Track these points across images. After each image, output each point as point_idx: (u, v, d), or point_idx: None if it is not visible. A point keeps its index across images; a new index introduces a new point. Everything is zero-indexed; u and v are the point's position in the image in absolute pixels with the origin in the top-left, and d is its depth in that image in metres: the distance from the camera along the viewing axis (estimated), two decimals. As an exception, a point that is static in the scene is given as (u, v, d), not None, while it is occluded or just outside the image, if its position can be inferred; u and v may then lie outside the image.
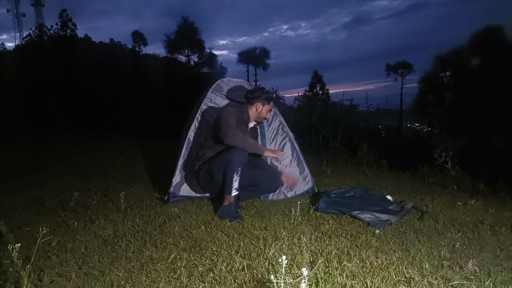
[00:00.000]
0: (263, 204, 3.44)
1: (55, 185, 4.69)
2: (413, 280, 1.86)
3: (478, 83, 17.42)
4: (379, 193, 3.65)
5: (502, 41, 17.44)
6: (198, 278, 1.97)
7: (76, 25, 25.12)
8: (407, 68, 33.05)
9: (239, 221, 2.87)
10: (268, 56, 30.46)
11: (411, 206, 3.14)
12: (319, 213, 3.09)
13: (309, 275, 1.76)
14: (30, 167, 6.22)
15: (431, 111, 20.81)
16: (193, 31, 25.47)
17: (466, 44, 18.45)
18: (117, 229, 2.81)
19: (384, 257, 2.15)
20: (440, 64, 19.89)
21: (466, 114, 17.01)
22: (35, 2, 33.62)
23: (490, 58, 17.14)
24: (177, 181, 3.52)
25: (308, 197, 3.68)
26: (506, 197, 3.98)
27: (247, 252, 2.28)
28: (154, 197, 3.83)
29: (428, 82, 20.59)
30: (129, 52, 28.80)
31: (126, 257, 2.29)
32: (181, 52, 25.83)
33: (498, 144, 16.51)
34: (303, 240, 2.40)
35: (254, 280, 1.91)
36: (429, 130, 25.71)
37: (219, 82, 3.80)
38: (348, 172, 5.14)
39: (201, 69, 26.57)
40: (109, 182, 4.72)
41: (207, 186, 3.41)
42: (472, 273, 1.93)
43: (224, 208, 3.00)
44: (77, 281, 2.01)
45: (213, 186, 3.31)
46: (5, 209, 3.58)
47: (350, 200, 3.15)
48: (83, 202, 3.71)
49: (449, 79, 19.78)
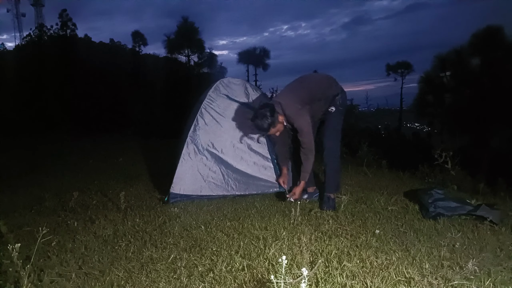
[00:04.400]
0: (263, 204, 3.44)
1: (55, 185, 4.69)
2: (413, 280, 1.85)
3: (478, 83, 17.43)
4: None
5: (502, 41, 17.45)
6: (198, 278, 1.97)
7: (76, 25, 25.11)
8: (407, 68, 33.06)
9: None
10: (268, 56, 30.48)
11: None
12: (319, 213, 3.08)
13: (309, 275, 1.76)
14: (30, 167, 6.22)
15: (431, 111, 20.82)
16: (193, 31, 25.49)
17: (466, 44, 18.47)
18: (117, 229, 2.81)
19: (384, 257, 2.15)
20: (440, 64, 19.91)
21: (466, 114, 17.01)
22: (35, 2, 33.60)
23: (490, 58, 17.15)
24: (177, 181, 3.52)
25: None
26: (506, 197, 3.98)
27: (247, 252, 2.27)
28: (154, 197, 3.83)
29: (428, 82, 20.61)
30: (129, 52, 28.78)
31: (126, 257, 2.29)
32: (181, 52, 25.85)
33: (498, 144, 16.50)
34: (303, 240, 2.40)
35: (254, 280, 1.91)
36: (429, 130, 25.70)
37: (219, 83, 3.81)
38: (348, 172, 5.13)
39: (201, 69, 26.59)
40: (109, 182, 4.72)
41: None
42: (472, 273, 1.93)
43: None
44: (77, 281, 2.01)
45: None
46: (5, 209, 3.58)
47: (448, 201, 3.07)
48: (83, 202, 3.71)
49: (449, 79, 19.79)
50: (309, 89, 3.26)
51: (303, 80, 3.39)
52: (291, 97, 3.20)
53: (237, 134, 3.72)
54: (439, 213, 2.93)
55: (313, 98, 3.24)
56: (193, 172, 3.59)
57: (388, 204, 3.34)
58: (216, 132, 3.70)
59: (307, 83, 3.35)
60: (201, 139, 3.66)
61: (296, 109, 3.14)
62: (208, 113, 3.72)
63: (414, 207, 3.23)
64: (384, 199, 3.48)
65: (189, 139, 3.63)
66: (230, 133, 3.72)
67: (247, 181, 3.66)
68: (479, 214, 2.86)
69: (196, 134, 3.66)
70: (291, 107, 3.14)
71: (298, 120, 3.14)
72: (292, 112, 3.13)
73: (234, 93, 3.82)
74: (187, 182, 3.55)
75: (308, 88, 3.27)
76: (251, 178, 3.67)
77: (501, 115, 15.71)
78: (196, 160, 3.61)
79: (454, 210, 2.96)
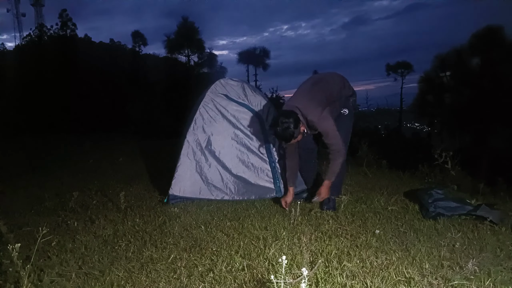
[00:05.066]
0: (263, 204, 3.44)
1: (55, 185, 4.69)
2: (413, 280, 1.86)
3: (478, 83, 17.44)
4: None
5: (502, 41, 17.45)
6: (198, 278, 1.97)
7: (76, 25, 25.09)
8: (407, 68, 33.04)
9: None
10: (268, 56, 30.45)
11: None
12: (319, 213, 3.09)
13: (309, 275, 1.76)
14: (30, 167, 6.22)
15: (431, 111, 20.82)
16: (193, 31, 25.48)
17: (466, 44, 18.48)
18: (117, 229, 2.81)
19: (384, 257, 2.15)
20: (440, 64, 19.92)
21: (466, 114, 17.02)
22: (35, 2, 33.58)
23: (490, 58, 17.15)
24: (176, 182, 3.52)
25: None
26: (506, 197, 3.98)
27: (247, 252, 2.28)
28: (154, 197, 3.83)
29: (428, 82, 20.62)
30: (129, 52, 28.76)
31: (126, 257, 2.29)
32: (181, 52, 25.84)
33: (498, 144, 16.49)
34: (303, 240, 2.40)
35: (254, 280, 1.91)
36: (429, 130, 25.69)
37: (217, 83, 3.81)
38: (348, 172, 5.12)
39: (201, 69, 26.57)
40: (109, 182, 4.72)
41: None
42: (472, 273, 1.93)
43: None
44: (77, 281, 2.01)
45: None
46: (5, 209, 3.58)
47: (448, 201, 3.06)
48: (83, 202, 3.71)
49: (449, 79, 19.80)
50: (325, 90, 3.11)
51: (318, 81, 3.23)
52: (310, 101, 3.01)
53: (235, 134, 3.72)
54: (439, 213, 2.93)
55: (329, 99, 3.09)
56: (192, 173, 3.58)
57: (388, 204, 3.34)
58: (215, 132, 3.69)
59: (323, 83, 3.18)
60: (199, 139, 3.65)
61: (318, 113, 2.96)
62: (206, 113, 3.72)
63: (414, 207, 3.23)
64: (384, 199, 3.48)
65: (187, 139, 3.62)
66: (229, 133, 3.71)
67: (245, 185, 3.64)
68: (479, 214, 2.86)
69: (194, 134, 3.65)
70: (313, 113, 2.96)
71: (322, 124, 2.97)
72: (315, 116, 2.96)
73: (233, 93, 3.81)
74: (186, 183, 3.55)
75: (324, 90, 3.11)
76: (249, 184, 3.64)
77: (501, 115, 15.71)
78: (195, 161, 3.61)
79: (454, 210, 2.96)
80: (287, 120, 2.84)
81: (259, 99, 3.82)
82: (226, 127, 3.72)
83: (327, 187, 3.10)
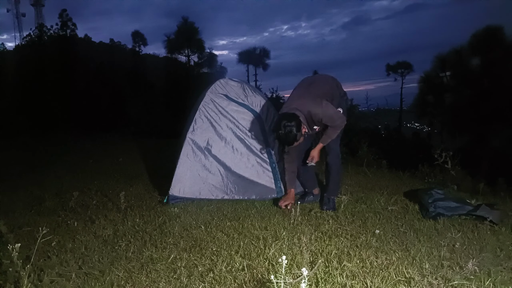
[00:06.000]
0: (263, 204, 3.44)
1: (55, 185, 4.68)
2: (413, 280, 1.86)
3: (478, 83, 17.43)
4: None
5: (502, 41, 17.44)
6: (198, 278, 1.97)
7: (76, 25, 25.06)
8: (407, 68, 33.02)
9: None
10: (268, 56, 30.41)
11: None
12: (319, 213, 3.09)
13: (309, 275, 1.76)
14: (30, 167, 6.22)
15: (431, 111, 20.81)
16: (193, 31, 25.45)
17: (466, 44, 18.46)
18: (117, 229, 2.81)
19: (384, 257, 2.15)
20: (440, 64, 19.90)
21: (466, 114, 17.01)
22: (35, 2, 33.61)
23: (490, 58, 17.14)
24: (176, 183, 3.51)
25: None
26: (506, 197, 3.98)
27: (247, 252, 2.28)
28: (154, 197, 3.83)
29: (428, 82, 20.61)
30: (129, 52, 28.77)
31: (126, 257, 2.29)
32: (181, 52, 25.81)
33: (498, 144, 16.49)
34: (303, 240, 2.40)
35: (254, 280, 1.91)
36: (429, 130, 25.67)
37: (217, 83, 3.81)
38: (348, 172, 5.13)
39: (201, 69, 26.55)
40: (109, 182, 4.72)
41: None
42: (472, 273, 1.93)
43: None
44: (77, 281, 2.01)
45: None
46: (5, 209, 3.58)
47: (448, 201, 3.06)
48: (83, 202, 3.71)
49: (449, 79, 19.79)
50: (320, 90, 3.12)
51: (311, 82, 3.24)
52: (309, 98, 3.03)
53: (235, 135, 3.72)
54: (439, 213, 2.93)
55: (326, 97, 3.09)
56: (192, 174, 3.58)
57: (388, 204, 3.35)
58: (215, 132, 3.69)
59: (316, 84, 3.20)
60: (199, 139, 3.65)
61: (319, 103, 2.96)
62: (206, 113, 3.72)
63: (414, 207, 3.23)
64: (384, 199, 3.48)
65: (187, 139, 3.63)
66: (229, 133, 3.71)
67: (246, 185, 3.64)
68: (479, 214, 2.86)
69: (194, 134, 3.65)
70: (314, 106, 2.95)
71: (326, 112, 2.95)
72: (318, 108, 2.94)
73: (233, 93, 3.81)
74: (186, 183, 3.55)
75: (318, 90, 3.12)
76: (249, 183, 3.64)
77: (501, 115, 15.70)
78: (195, 161, 3.61)
79: (454, 210, 2.96)
80: (290, 124, 2.83)
81: (259, 100, 3.83)
82: (226, 127, 3.72)
83: (318, 150, 3.15)
